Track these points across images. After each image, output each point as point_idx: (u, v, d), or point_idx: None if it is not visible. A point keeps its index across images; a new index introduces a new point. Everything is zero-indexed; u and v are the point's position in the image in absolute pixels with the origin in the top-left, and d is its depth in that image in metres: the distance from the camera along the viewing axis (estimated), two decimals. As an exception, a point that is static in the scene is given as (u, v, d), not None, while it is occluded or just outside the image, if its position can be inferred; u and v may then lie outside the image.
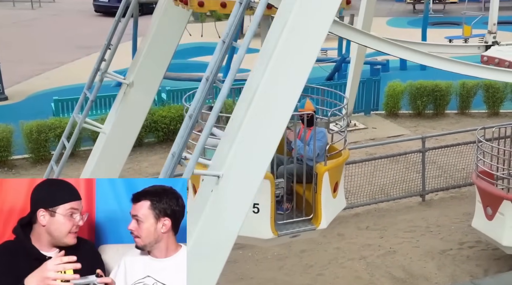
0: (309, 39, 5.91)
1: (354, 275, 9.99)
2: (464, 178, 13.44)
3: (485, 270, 10.08)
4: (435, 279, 9.89)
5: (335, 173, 7.96)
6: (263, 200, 7.26)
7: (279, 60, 5.78)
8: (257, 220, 7.33)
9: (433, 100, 17.52)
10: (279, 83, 5.83)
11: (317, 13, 5.89)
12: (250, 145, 5.81)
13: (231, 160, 5.76)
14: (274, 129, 5.90)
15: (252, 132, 5.80)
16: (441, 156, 13.62)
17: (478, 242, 10.92)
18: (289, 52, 5.82)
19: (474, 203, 12.35)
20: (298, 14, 5.79)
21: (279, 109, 5.90)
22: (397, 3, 39.57)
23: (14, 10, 42.14)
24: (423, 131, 16.44)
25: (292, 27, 5.79)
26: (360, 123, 17.20)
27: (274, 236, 7.46)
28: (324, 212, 7.69)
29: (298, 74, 5.91)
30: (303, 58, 5.91)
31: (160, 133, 15.89)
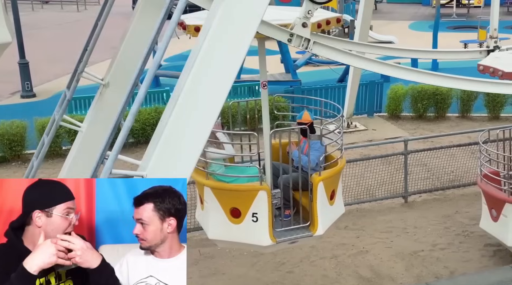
0: (232, 42, 5.82)
1: (322, 274, 9.89)
2: (451, 181, 13.22)
3: (451, 271, 9.86)
4: (400, 280, 9.73)
5: (331, 181, 7.99)
6: (262, 210, 7.45)
7: (203, 62, 5.72)
8: (256, 228, 7.51)
9: (434, 103, 17.21)
10: (203, 84, 5.76)
11: (241, 17, 5.82)
12: (174, 146, 5.75)
13: (155, 160, 5.73)
14: (198, 131, 5.82)
15: (176, 133, 5.74)
16: (432, 158, 13.42)
17: (451, 244, 10.73)
18: (213, 54, 5.73)
19: (455, 205, 12.29)
20: (221, 18, 5.74)
21: (203, 110, 5.82)
22: (423, 7, 39.06)
23: (61, 12, 42.92)
24: (421, 134, 16.20)
25: (216, 29, 5.73)
26: (361, 125, 17.02)
27: (272, 243, 7.56)
28: (320, 219, 7.73)
29: (222, 76, 5.82)
30: (227, 61, 5.80)
31: (164, 132, 15.93)
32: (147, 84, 5.55)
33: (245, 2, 5.85)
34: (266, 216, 7.48)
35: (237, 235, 7.70)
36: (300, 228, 7.80)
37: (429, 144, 14.63)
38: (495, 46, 10.29)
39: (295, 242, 7.92)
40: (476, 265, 9.99)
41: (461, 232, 11.16)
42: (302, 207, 7.95)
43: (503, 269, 9.03)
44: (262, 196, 7.44)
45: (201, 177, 7.83)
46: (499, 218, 9.45)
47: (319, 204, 7.71)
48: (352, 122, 16.90)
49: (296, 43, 6.86)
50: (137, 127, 15.58)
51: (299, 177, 7.81)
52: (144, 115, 15.69)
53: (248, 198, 7.50)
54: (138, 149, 15.79)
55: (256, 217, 7.50)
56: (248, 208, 7.52)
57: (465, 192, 12.87)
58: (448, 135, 14.38)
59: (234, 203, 7.58)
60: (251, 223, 7.50)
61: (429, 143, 14.87)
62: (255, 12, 5.93)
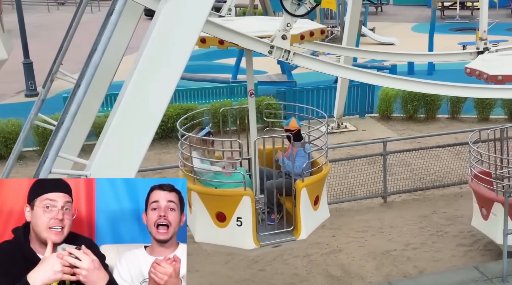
0: (176, 42, 5.80)
1: (293, 272, 9.87)
2: (432, 181, 13.12)
3: (420, 271, 9.79)
4: (369, 279, 9.68)
5: (315, 187, 8.06)
6: (246, 214, 7.54)
7: (146, 63, 5.73)
8: (241, 232, 7.61)
9: (424, 104, 17.09)
10: (145, 86, 5.76)
11: (185, 18, 5.80)
12: (117, 147, 5.75)
13: (99, 161, 5.73)
14: (141, 131, 5.82)
15: (118, 134, 5.74)
16: (417, 159, 13.33)
17: (423, 244, 10.66)
18: (156, 56, 5.74)
19: (434, 206, 12.22)
20: (165, 18, 5.74)
21: (146, 112, 5.82)
22: (428, 8, 38.68)
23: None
24: (410, 135, 16.10)
25: (159, 30, 5.73)
26: (352, 126, 16.94)
27: (256, 246, 7.67)
28: (303, 224, 7.81)
29: (165, 78, 5.81)
30: (171, 62, 5.80)
31: (159, 130, 15.97)
32: (85, 86, 5.54)
33: (189, 2, 5.84)
34: (250, 220, 7.57)
35: (223, 238, 7.82)
36: (284, 232, 7.89)
37: (415, 145, 14.56)
38: (484, 48, 10.26)
39: (279, 245, 8.00)
40: (445, 265, 9.90)
41: (435, 232, 11.08)
42: (287, 211, 8.03)
43: (466, 269, 8.97)
44: (246, 201, 7.53)
45: (188, 182, 7.80)
46: (489, 216, 9.51)
47: (302, 209, 7.79)
48: (343, 123, 16.82)
49: (277, 55, 6.94)
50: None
51: (283, 182, 7.90)
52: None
53: (232, 203, 7.61)
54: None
55: (240, 221, 7.60)
56: (232, 212, 7.62)
57: (445, 193, 12.77)
58: (428, 136, 14.28)
59: (219, 207, 7.69)
60: (235, 227, 7.61)
61: (415, 143, 14.81)
62: (199, 12, 5.90)
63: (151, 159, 15.09)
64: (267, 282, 9.61)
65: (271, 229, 7.93)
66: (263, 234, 7.78)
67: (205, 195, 7.76)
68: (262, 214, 8.00)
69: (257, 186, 7.95)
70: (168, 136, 16.18)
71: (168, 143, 16.03)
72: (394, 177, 13.06)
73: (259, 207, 7.84)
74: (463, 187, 12.89)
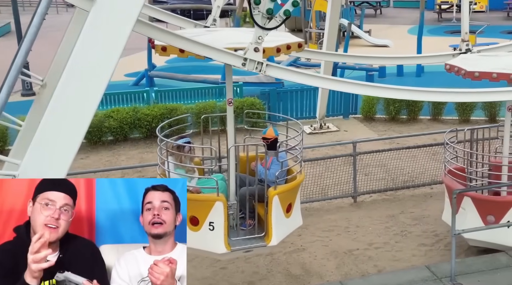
0: (104, 44, 5.81)
1: (253, 270, 9.81)
2: (404, 181, 13.02)
3: (379, 270, 9.70)
4: (328, 277, 9.60)
5: (288, 195, 8.14)
6: (218, 219, 7.65)
7: (74, 65, 5.74)
8: (212, 236, 7.72)
9: (406, 106, 16.98)
10: (73, 88, 5.77)
11: (114, 19, 5.80)
12: (46, 148, 5.75)
13: (27, 161, 5.73)
14: (69, 133, 5.83)
15: (47, 136, 5.75)
16: (393, 159, 13.23)
17: (386, 243, 10.58)
18: (84, 57, 5.76)
19: (402, 206, 12.13)
20: (93, 20, 5.75)
21: (74, 114, 5.82)
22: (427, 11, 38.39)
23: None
24: (390, 135, 16.01)
25: (87, 32, 5.76)
26: (334, 126, 16.85)
27: (227, 251, 7.79)
28: (274, 231, 7.90)
29: (93, 80, 5.83)
30: (99, 63, 5.81)
31: (143, 130, 16.02)
32: (10, 84, 5.54)
33: (118, 4, 5.82)
34: (222, 225, 7.67)
35: (196, 242, 7.78)
36: (256, 238, 7.99)
37: (394, 145, 14.46)
38: (467, 49, 10.27)
39: (250, 251, 8.10)
40: (404, 264, 9.81)
41: (400, 232, 10.99)
42: (260, 218, 8.16)
43: (417, 269, 8.87)
44: (218, 207, 7.63)
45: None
46: (459, 210, 9.45)
47: (273, 216, 7.87)
48: (325, 124, 16.74)
49: (250, 67, 7.03)
50: (115, 126, 15.66)
51: (256, 189, 8.00)
52: (122, 114, 15.77)
53: (205, 208, 7.70)
54: (116, 146, 15.87)
55: (212, 226, 7.70)
56: (205, 217, 7.71)
57: (415, 193, 12.67)
58: (401, 137, 14.20)
59: (193, 211, 7.69)
60: (208, 231, 7.71)
61: (394, 144, 14.72)
62: (128, 14, 5.89)
63: (134, 158, 15.14)
64: (227, 281, 9.56)
65: (244, 234, 8.03)
66: (235, 239, 7.89)
67: None
68: (237, 217, 8.07)
69: (232, 192, 8.02)
70: (153, 135, 16.09)
71: (152, 142, 15.99)
72: (369, 177, 12.99)
73: (231, 213, 7.92)
74: (434, 188, 12.80)
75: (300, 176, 8.35)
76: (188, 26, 9.69)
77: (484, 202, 9.26)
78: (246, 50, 7.03)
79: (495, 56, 9.77)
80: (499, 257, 9.09)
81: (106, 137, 15.98)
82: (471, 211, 9.28)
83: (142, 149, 15.67)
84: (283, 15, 6.85)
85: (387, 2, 41.04)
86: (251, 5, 6.70)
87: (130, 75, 22.76)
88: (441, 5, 36.41)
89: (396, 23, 35.34)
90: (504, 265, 8.79)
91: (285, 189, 8.05)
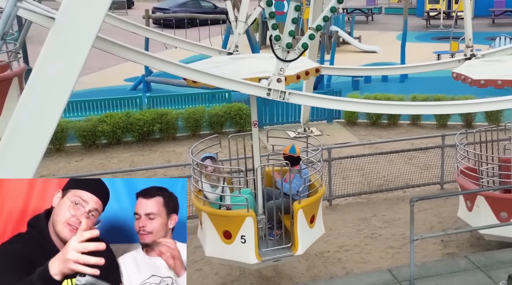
0: (62, 64, 5.75)
1: (227, 272, 9.73)
2: (379, 185, 12.94)
3: (347, 272, 9.61)
4: (297, 279, 9.53)
5: (311, 208, 8.46)
6: (248, 233, 7.98)
7: (33, 82, 5.70)
8: (244, 248, 8.04)
9: (386, 111, 16.86)
10: (37, 97, 5.71)
11: (74, 36, 5.75)
12: (12, 151, 5.69)
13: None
14: (38, 134, 5.74)
15: (13, 140, 5.70)
16: (370, 163, 13.16)
17: (356, 246, 10.48)
18: (43, 75, 5.71)
19: (375, 209, 12.07)
20: (50, 41, 5.70)
21: (33, 128, 5.76)
22: (417, 18, 38.34)
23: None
24: (370, 140, 15.95)
25: (46, 50, 5.70)
26: (318, 131, 16.76)
27: (258, 261, 8.09)
28: (300, 241, 8.21)
29: (52, 97, 5.75)
30: (57, 82, 5.74)
31: (135, 134, 15.99)
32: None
33: (76, 23, 5.77)
34: (253, 238, 7.98)
35: (229, 253, 8.26)
36: (284, 248, 8.30)
37: (374, 149, 14.35)
38: (471, 54, 10.28)
39: (279, 260, 8.42)
40: (372, 266, 9.72)
41: (370, 234, 10.90)
42: (286, 228, 8.51)
43: (380, 272, 8.79)
44: (249, 222, 7.96)
45: (199, 204, 8.41)
46: (473, 208, 9.68)
47: (299, 228, 8.19)
48: (309, 128, 16.65)
49: (274, 96, 7.17)
50: (108, 130, 15.63)
51: (281, 202, 8.38)
52: (115, 119, 15.74)
53: (237, 223, 8.03)
54: (109, 149, 15.83)
55: (244, 239, 8.02)
56: (237, 231, 8.04)
57: (388, 196, 12.58)
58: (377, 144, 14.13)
59: (226, 226, 8.12)
60: (240, 244, 8.04)
61: (373, 148, 14.61)
62: (87, 32, 5.84)
63: (125, 160, 15.10)
64: (200, 282, 9.49)
65: (272, 244, 8.40)
66: (265, 250, 8.21)
67: (213, 216, 8.22)
68: (266, 229, 8.39)
69: (260, 205, 8.35)
70: (144, 139, 16.16)
71: (144, 146, 16.01)
72: (346, 180, 12.89)
73: (261, 226, 8.21)
74: (407, 191, 12.73)
75: (321, 189, 8.70)
76: (212, 53, 9.82)
77: (497, 200, 9.39)
78: (270, 81, 7.20)
79: (498, 61, 9.75)
80: (458, 260, 9.02)
81: (100, 140, 15.96)
82: (485, 208, 9.43)
83: (134, 152, 15.63)
84: (301, 47, 7.01)
85: (379, 9, 40.82)
86: (272, 41, 6.89)
87: (129, 80, 22.75)
88: (429, 12, 36.20)
89: (386, 29, 35.17)
90: (462, 269, 8.71)
91: (308, 203, 8.36)
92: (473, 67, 9.34)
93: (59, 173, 14.38)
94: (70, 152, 15.80)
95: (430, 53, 26.22)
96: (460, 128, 15.98)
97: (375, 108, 8.55)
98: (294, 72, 7.59)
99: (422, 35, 32.71)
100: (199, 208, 8.41)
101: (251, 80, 7.35)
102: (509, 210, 9.33)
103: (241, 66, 8.01)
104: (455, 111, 12.08)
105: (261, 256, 8.12)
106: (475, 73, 8.78)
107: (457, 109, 8.97)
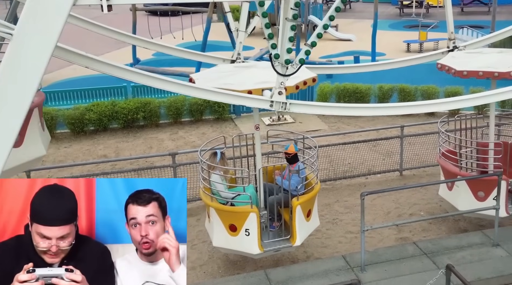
0: (21, 74, 5.64)
1: (196, 257, 9.78)
2: (344, 172, 12.95)
3: (307, 256, 9.66)
4: (261, 264, 9.56)
5: (307, 203, 8.76)
6: (252, 227, 8.34)
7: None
8: (248, 240, 8.41)
9: (355, 100, 16.85)
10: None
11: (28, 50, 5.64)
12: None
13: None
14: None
15: None
16: (337, 150, 13.14)
17: (318, 231, 10.39)
18: (3, 84, 5.62)
19: (338, 195, 12.09)
20: (10, 51, 5.60)
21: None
22: (392, 6, 38.06)
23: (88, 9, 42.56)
24: (339, 127, 15.96)
25: (6, 59, 5.57)
26: (291, 118, 16.72)
27: (260, 251, 8.49)
28: (298, 233, 8.55)
29: (11, 108, 5.66)
30: (17, 91, 5.64)
31: (121, 121, 15.92)
32: None
33: (35, 34, 5.67)
34: (256, 231, 8.34)
35: (234, 244, 8.59)
36: (283, 240, 8.64)
37: (346, 138, 14.30)
38: (453, 46, 10.24)
39: (279, 250, 8.79)
40: (330, 251, 9.79)
41: (332, 219, 10.94)
42: (285, 220, 8.86)
43: (334, 259, 8.84)
44: (252, 217, 8.31)
45: (207, 199, 8.71)
46: (453, 187, 9.89)
47: (297, 222, 8.50)
48: (283, 116, 16.62)
49: (277, 107, 7.36)
50: (95, 118, 15.56)
51: (282, 198, 8.69)
52: (101, 107, 15.67)
53: (242, 218, 8.37)
54: (96, 136, 15.76)
55: (248, 232, 8.37)
56: (242, 224, 8.37)
57: (351, 183, 12.61)
58: (345, 134, 14.05)
59: (231, 220, 8.46)
60: (244, 236, 8.40)
61: (341, 136, 14.58)
62: (45, 44, 5.72)
63: (111, 146, 15.06)
64: (171, 266, 9.52)
65: (273, 235, 8.71)
66: (267, 241, 8.56)
67: (220, 211, 8.53)
68: (267, 221, 8.76)
69: (262, 200, 8.72)
70: (129, 126, 16.10)
71: (128, 132, 15.94)
72: (314, 167, 12.88)
73: (263, 221, 8.58)
74: (369, 178, 12.76)
75: (317, 186, 8.96)
76: (217, 62, 9.82)
77: (475, 181, 9.51)
78: (272, 94, 7.36)
79: (479, 53, 9.85)
80: (407, 247, 9.08)
81: (88, 128, 15.89)
82: (464, 188, 9.60)
83: (119, 138, 15.58)
84: (298, 62, 7.11)
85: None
86: (272, 59, 7.05)
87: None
88: (402, 1, 35.95)
89: (362, 17, 34.89)
90: (410, 255, 8.77)
91: (305, 199, 8.61)
92: (456, 59, 9.53)
93: (48, 158, 14.31)
94: (60, 138, 15.72)
95: (401, 42, 26.11)
96: (424, 116, 16.03)
97: (375, 111, 8.84)
98: (293, 83, 7.78)
99: (395, 23, 32.52)
100: (207, 203, 8.71)
101: (255, 91, 7.65)
102: (486, 190, 9.43)
103: (245, 77, 8.26)
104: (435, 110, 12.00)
105: (263, 247, 8.42)
106: (458, 65, 8.97)
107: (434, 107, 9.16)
